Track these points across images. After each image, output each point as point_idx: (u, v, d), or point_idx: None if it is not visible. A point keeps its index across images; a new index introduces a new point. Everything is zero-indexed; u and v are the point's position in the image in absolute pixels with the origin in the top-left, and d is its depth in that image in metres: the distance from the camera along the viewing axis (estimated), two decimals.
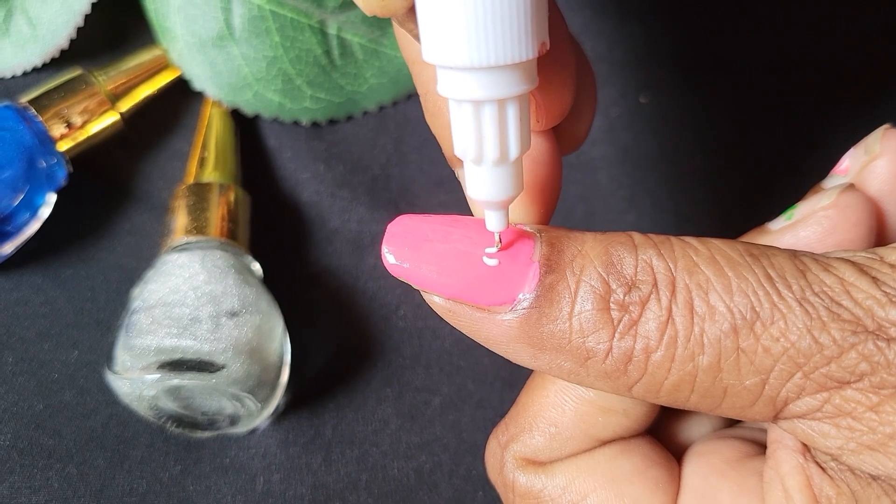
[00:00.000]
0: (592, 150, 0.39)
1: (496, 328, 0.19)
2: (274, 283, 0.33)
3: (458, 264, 0.19)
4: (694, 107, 0.41)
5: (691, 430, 0.25)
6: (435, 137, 0.23)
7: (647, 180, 0.39)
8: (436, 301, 0.19)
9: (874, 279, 0.17)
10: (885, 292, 0.17)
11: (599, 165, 0.39)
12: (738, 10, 0.42)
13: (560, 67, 0.20)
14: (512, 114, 0.17)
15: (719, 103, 0.41)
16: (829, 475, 0.18)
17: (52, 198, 0.33)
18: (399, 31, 0.22)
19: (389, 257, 0.19)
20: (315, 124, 0.38)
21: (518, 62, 0.16)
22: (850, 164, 0.24)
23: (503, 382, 0.34)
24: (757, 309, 0.17)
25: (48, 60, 0.36)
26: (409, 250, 0.19)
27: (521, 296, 0.18)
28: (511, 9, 0.15)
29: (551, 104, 0.20)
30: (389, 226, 0.19)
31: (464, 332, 0.19)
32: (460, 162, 0.22)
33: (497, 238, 0.19)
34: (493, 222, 0.18)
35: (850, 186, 0.22)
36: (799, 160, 0.39)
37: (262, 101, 0.37)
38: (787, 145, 0.40)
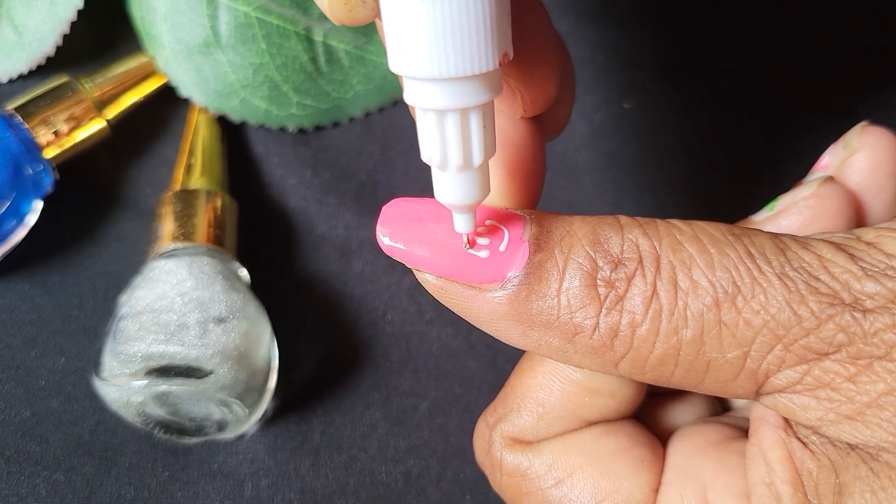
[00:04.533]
0: (578, 155, 0.39)
1: (486, 306, 0.19)
2: (261, 288, 0.33)
3: (451, 244, 0.19)
4: (678, 111, 0.41)
5: (676, 417, 0.25)
6: None
7: (632, 185, 0.39)
8: (428, 279, 0.20)
9: (851, 255, 0.18)
10: (862, 267, 0.17)
11: (584, 171, 0.39)
12: (721, 16, 0.43)
13: (543, 63, 0.20)
14: (475, 122, 0.17)
15: (703, 108, 0.41)
16: (810, 449, 0.19)
17: (38, 205, 0.33)
18: None
19: (384, 238, 0.20)
20: (302, 131, 0.38)
21: (479, 73, 0.16)
22: (829, 160, 0.24)
23: (490, 386, 0.35)
24: (738, 283, 0.17)
25: (34, 67, 0.36)
26: (403, 230, 0.19)
27: (510, 274, 0.19)
28: (472, 22, 0.16)
29: (535, 97, 0.20)
30: (384, 207, 0.20)
31: (455, 310, 0.20)
32: None
33: (465, 239, 0.19)
34: (461, 224, 0.19)
35: (830, 178, 0.23)
36: (781, 162, 0.40)
37: (248, 107, 0.37)
38: (770, 148, 0.40)
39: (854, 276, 0.17)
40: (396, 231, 0.20)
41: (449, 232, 0.19)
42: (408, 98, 0.17)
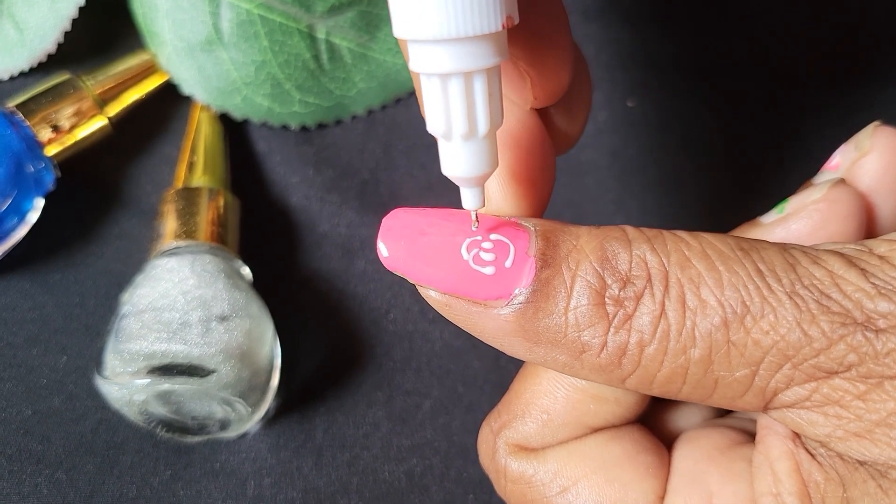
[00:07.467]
0: (580, 154, 0.39)
1: (492, 322, 0.19)
2: (264, 287, 0.33)
3: (454, 258, 0.19)
4: (681, 110, 0.41)
5: (681, 420, 0.25)
6: (427, 136, 0.23)
7: (635, 184, 0.39)
8: (431, 295, 0.19)
9: (863, 271, 0.17)
10: (874, 284, 0.17)
11: (587, 170, 0.39)
12: (725, 14, 0.43)
13: (555, 44, 0.20)
14: (479, 87, 0.17)
15: (706, 106, 0.41)
16: (818, 461, 0.19)
17: (39, 203, 0.33)
18: None
19: (384, 251, 0.19)
20: (304, 128, 0.38)
21: (484, 34, 0.16)
22: (840, 161, 0.24)
23: (493, 385, 0.35)
24: (747, 303, 0.17)
25: (35, 65, 0.36)
26: (404, 244, 0.19)
27: (517, 290, 0.18)
28: None
29: (546, 81, 0.20)
30: (385, 219, 0.19)
31: (459, 325, 0.20)
32: None
33: (474, 217, 0.19)
34: (469, 200, 0.18)
35: (841, 181, 0.23)
36: (787, 161, 0.40)
37: (250, 105, 0.37)
38: (774, 146, 0.40)
39: (866, 294, 0.17)
40: (398, 245, 0.19)
41: (453, 246, 0.19)
42: (412, 65, 0.17)
